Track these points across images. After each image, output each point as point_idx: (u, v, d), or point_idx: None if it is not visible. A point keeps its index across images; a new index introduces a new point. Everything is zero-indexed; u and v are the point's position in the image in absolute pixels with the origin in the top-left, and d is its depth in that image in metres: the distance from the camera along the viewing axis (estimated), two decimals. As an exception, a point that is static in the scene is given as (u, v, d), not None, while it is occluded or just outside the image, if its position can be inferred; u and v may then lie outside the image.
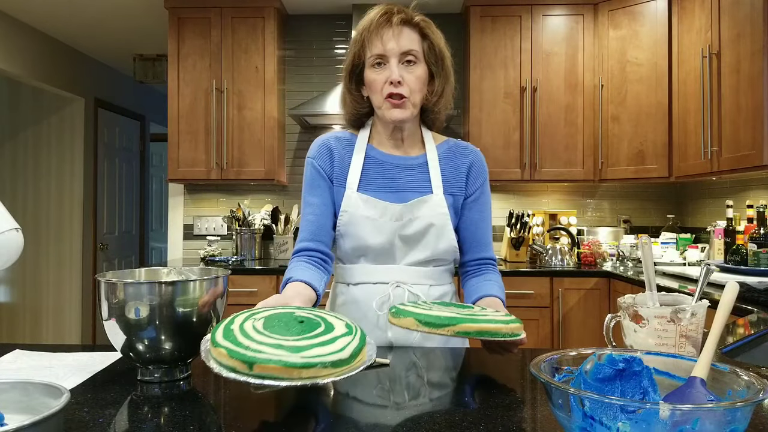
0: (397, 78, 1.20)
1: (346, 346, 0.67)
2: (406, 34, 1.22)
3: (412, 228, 1.24)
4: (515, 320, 0.97)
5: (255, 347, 0.65)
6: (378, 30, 1.21)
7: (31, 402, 0.67)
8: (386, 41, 1.20)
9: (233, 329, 0.69)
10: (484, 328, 0.92)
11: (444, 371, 1.02)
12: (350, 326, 0.74)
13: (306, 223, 1.29)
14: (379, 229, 1.24)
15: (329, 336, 0.69)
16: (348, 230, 1.26)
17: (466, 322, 0.92)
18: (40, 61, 4.19)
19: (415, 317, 0.94)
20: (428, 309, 0.97)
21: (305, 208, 1.31)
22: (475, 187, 1.32)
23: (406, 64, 1.22)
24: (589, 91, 3.43)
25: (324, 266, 1.27)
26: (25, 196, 4.78)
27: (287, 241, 3.61)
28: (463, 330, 0.91)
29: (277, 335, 0.69)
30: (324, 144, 1.32)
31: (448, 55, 1.28)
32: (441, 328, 0.91)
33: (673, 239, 3.21)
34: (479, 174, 1.33)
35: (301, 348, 0.65)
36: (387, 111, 1.23)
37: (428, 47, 1.24)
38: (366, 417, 0.78)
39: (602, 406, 0.52)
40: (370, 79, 1.24)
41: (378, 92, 1.23)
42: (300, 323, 0.73)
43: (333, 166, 1.30)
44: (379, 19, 1.21)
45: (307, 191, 1.31)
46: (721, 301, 0.69)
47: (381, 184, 1.28)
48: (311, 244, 1.27)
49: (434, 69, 1.26)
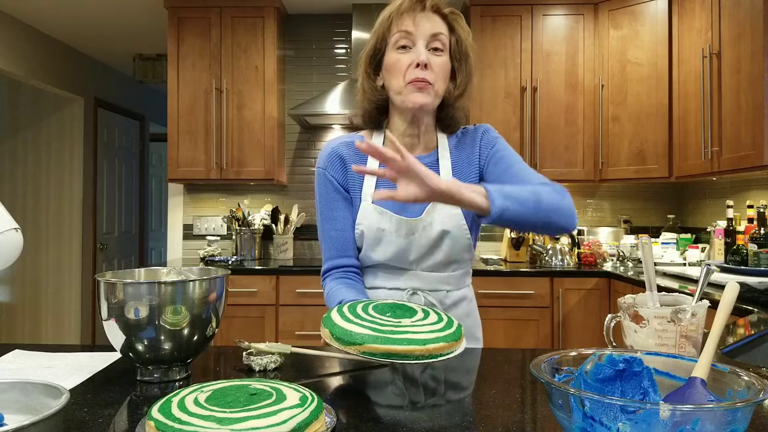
0: (425, 60, 1.13)
1: (290, 419, 0.64)
2: (437, 20, 1.18)
3: (426, 237, 1.21)
4: (449, 336, 0.88)
5: (185, 419, 0.63)
6: (409, 11, 1.16)
7: (31, 402, 0.67)
8: (416, 20, 1.15)
9: (173, 401, 0.68)
10: (392, 350, 0.83)
11: (444, 371, 1.02)
12: (306, 398, 0.70)
13: (329, 240, 1.25)
14: (394, 241, 1.21)
15: (274, 408, 0.66)
16: (363, 241, 1.24)
17: (374, 342, 0.84)
18: (40, 61, 4.19)
19: (330, 330, 0.89)
20: (352, 320, 0.89)
21: (325, 223, 1.26)
22: (488, 150, 1.26)
23: (433, 51, 1.16)
24: (590, 91, 3.43)
25: (361, 279, 1.27)
26: (25, 196, 4.78)
27: (287, 241, 3.61)
28: (369, 351, 0.84)
29: (216, 407, 0.66)
30: (334, 152, 1.26)
31: (474, 52, 1.23)
32: (349, 345, 0.86)
33: (673, 239, 3.21)
34: (490, 140, 1.27)
35: (234, 420, 0.63)
36: (409, 95, 1.15)
37: (456, 42, 1.20)
38: (364, 417, 0.78)
39: (602, 407, 0.52)
40: (393, 59, 1.17)
41: (401, 75, 1.16)
42: (251, 395, 0.70)
43: (346, 175, 1.25)
44: (411, 1, 1.17)
45: (324, 205, 1.26)
46: (721, 301, 0.69)
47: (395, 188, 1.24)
48: (341, 260, 1.25)
49: (458, 65, 1.21)
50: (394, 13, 1.17)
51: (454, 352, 0.87)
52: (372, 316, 0.91)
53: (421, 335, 0.85)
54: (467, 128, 1.31)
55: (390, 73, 1.18)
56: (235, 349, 1.11)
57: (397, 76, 1.17)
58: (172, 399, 0.69)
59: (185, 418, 0.63)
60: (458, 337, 0.89)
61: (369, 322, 0.88)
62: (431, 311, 0.97)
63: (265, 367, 0.98)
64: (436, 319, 0.93)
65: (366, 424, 0.74)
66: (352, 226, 1.25)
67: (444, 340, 0.86)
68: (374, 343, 0.83)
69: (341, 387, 0.91)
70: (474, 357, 1.10)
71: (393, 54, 1.17)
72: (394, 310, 0.94)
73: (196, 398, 0.69)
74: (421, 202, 0.97)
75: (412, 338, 0.84)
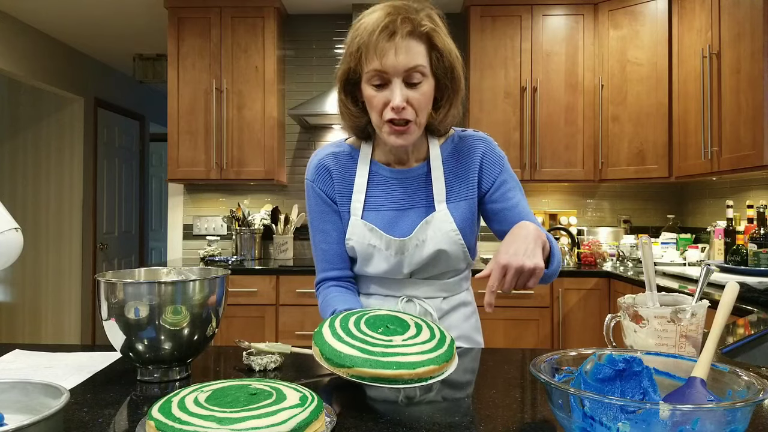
0: (401, 104, 1.05)
1: (290, 419, 0.64)
2: (413, 47, 1.05)
3: (418, 255, 1.17)
4: (440, 357, 0.86)
5: (185, 419, 0.63)
6: (378, 44, 1.04)
7: (31, 402, 0.67)
8: (388, 58, 1.04)
9: (173, 401, 0.68)
10: (381, 375, 0.82)
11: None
12: (306, 398, 0.70)
13: (321, 253, 1.25)
14: (385, 258, 1.18)
15: (274, 408, 0.66)
16: (356, 254, 1.22)
17: (363, 366, 0.82)
18: (40, 61, 4.19)
19: (321, 349, 0.87)
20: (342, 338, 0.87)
21: (316, 235, 1.26)
22: (492, 178, 1.20)
23: (409, 87, 1.07)
24: (590, 91, 3.43)
25: (354, 288, 1.27)
26: (25, 196, 4.78)
27: (287, 241, 3.61)
28: (357, 374, 0.83)
29: (216, 407, 0.66)
30: (320, 164, 1.23)
31: (459, 61, 1.13)
32: (338, 368, 0.84)
33: (673, 239, 3.21)
34: (493, 164, 1.20)
35: (234, 420, 0.63)
36: (387, 137, 1.10)
37: (437, 58, 1.09)
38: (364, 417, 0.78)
39: (602, 407, 0.52)
40: (369, 94, 1.09)
41: (377, 113, 1.09)
42: (251, 395, 0.70)
43: (334, 187, 1.23)
44: (380, 33, 1.03)
45: (315, 217, 1.25)
46: (721, 301, 0.69)
47: (386, 202, 1.20)
48: (334, 272, 1.25)
49: (443, 80, 1.12)
50: (362, 48, 1.06)
51: (444, 374, 0.86)
52: (363, 333, 0.89)
53: (411, 357, 0.84)
54: (465, 134, 1.24)
55: (368, 106, 1.12)
56: (235, 349, 1.11)
57: (374, 112, 1.10)
58: (172, 399, 0.69)
59: (185, 418, 0.64)
60: (449, 357, 0.88)
61: (359, 342, 0.87)
62: (424, 325, 0.95)
63: (265, 367, 0.98)
64: (428, 336, 0.91)
65: (366, 424, 0.74)
66: (342, 239, 1.23)
67: (434, 362, 0.85)
68: (363, 367, 0.83)
69: (341, 387, 0.91)
70: (474, 357, 1.10)
71: (368, 89, 1.09)
72: (387, 324, 0.93)
73: (196, 398, 0.69)
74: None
75: (402, 361, 0.83)
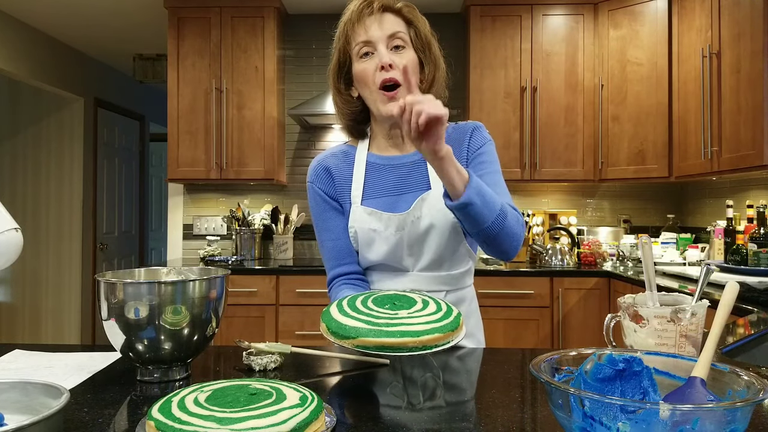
0: (388, 61, 1.14)
1: (290, 419, 0.64)
2: (390, 18, 1.18)
3: (415, 231, 1.20)
4: (446, 326, 0.85)
5: (185, 419, 0.63)
6: (360, 19, 1.17)
7: (31, 402, 0.67)
8: (369, 27, 1.16)
9: (173, 401, 0.68)
10: (384, 343, 0.82)
11: (444, 371, 1.02)
12: (306, 398, 0.70)
13: (328, 251, 1.29)
14: (386, 240, 1.22)
15: (274, 408, 0.66)
16: (358, 243, 1.25)
17: (367, 335, 0.83)
18: (40, 61, 4.19)
19: (327, 324, 0.88)
20: (349, 314, 0.88)
21: (321, 234, 1.30)
22: (474, 147, 1.26)
23: (395, 50, 1.17)
24: (589, 91, 3.43)
25: (366, 284, 1.28)
26: (25, 196, 4.78)
27: (287, 241, 3.61)
28: (362, 344, 0.83)
29: (216, 407, 0.66)
30: (320, 165, 1.30)
31: (434, 41, 1.23)
32: (344, 339, 0.84)
33: (673, 239, 3.21)
34: (479, 139, 1.26)
35: (234, 420, 0.63)
36: (382, 105, 1.17)
37: (414, 34, 1.20)
38: (363, 417, 0.78)
39: (602, 406, 0.52)
40: (359, 70, 1.18)
41: (369, 83, 1.17)
42: (251, 395, 0.70)
43: (334, 185, 1.28)
44: (359, 8, 1.17)
45: (317, 217, 1.30)
46: (721, 301, 0.69)
47: (383, 189, 1.25)
48: (342, 268, 1.27)
49: (422, 56, 1.21)
50: (348, 26, 1.19)
51: (450, 343, 0.85)
52: (369, 309, 0.90)
53: (415, 326, 0.84)
54: (459, 124, 1.30)
55: (360, 84, 1.20)
56: (235, 349, 1.11)
57: (366, 85, 1.18)
58: (172, 399, 0.69)
59: (185, 418, 0.64)
60: (456, 327, 0.87)
61: (365, 315, 0.87)
62: (431, 300, 0.96)
63: (265, 367, 0.98)
64: (434, 309, 0.91)
65: (366, 424, 0.74)
66: (347, 236, 1.27)
67: (439, 330, 0.84)
68: (367, 336, 0.83)
69: (341, 387, 0.91)
70: (474, 357, 1.10)
71: (358, 64, 1.18)
72: (394, 301, 0.94)
73: (196, 398, 0.69)
74: (426, 141, 0.96)
75: (406, 330, 0.83)
